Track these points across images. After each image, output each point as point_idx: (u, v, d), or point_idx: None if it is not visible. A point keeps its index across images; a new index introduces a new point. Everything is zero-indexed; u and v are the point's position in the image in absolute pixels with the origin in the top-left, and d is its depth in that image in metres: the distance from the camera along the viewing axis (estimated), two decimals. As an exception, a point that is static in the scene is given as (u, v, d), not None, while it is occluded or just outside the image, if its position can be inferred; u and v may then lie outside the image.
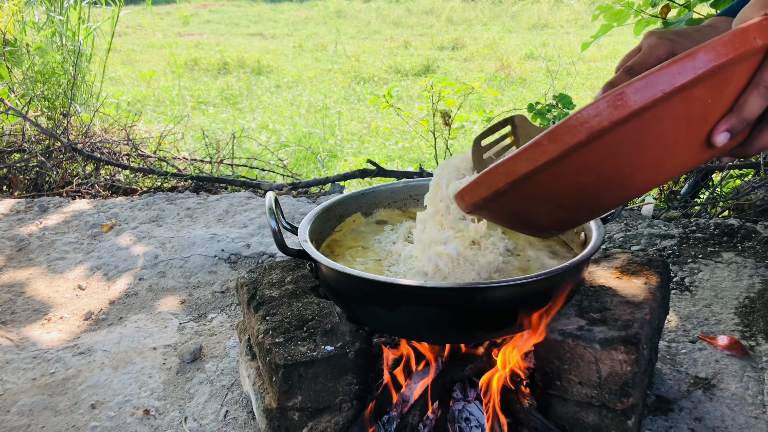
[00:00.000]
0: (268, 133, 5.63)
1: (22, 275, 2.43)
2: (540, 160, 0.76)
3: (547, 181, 0.80)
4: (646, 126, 0.73)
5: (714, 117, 0.75)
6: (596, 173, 0.78)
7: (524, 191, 0.83)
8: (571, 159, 0.75)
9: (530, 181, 0.80)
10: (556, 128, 0.75)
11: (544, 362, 1.33)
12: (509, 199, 0.85)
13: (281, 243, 1.23)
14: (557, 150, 0.75)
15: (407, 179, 2.06)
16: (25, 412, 1.63)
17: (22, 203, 3.16)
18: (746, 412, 1.50)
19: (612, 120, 0.71)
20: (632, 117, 0.71)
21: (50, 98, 3.98)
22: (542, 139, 0.76)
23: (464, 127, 4.90)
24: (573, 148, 0.74)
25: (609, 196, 0.82)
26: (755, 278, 2.10)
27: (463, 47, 10.32)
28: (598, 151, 0.75)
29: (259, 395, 1.43)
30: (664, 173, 0.79)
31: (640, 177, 0.79)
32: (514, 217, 0.93)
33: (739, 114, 0.75)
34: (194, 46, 10.74)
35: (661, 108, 0.71)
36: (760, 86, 0.74)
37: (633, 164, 0.77)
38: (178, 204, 3.15)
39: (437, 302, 1.15)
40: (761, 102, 0.75)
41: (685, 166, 0.79)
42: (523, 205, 0.87)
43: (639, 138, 0.73)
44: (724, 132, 0.75)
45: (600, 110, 0.71)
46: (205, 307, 2.18)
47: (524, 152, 0.78)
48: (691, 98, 0.72)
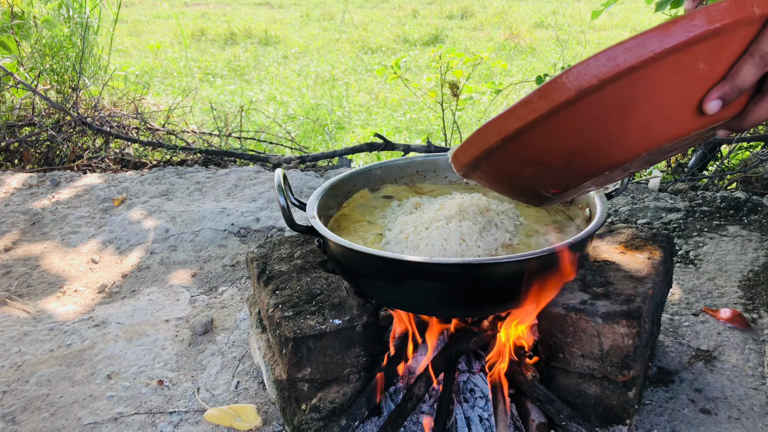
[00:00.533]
0: (276, 105, 5.63)
1: (37, 249, 2.48)
2: (530, 116, 0.77)
3: (536, 139, 0.80)
4: (635, 86, 0.72)
5: (706, 84, 0.75)
6: (584, 133, 0.78)
7: (514, 150, 0.83)
8: (559, 116, 0.76)
9: (520, 139, 0.80)
10: (546, 85, 0.75)
11: (547, 335, 1.36)
12: (500, 159, 0.86)
13: (290, 220, 1.25)
14: (546, 107, 0.75)
15: (414, 155, 2.07)
16: (43, 383, 1.68)
17: (35, 177, 3.20)
18: (746, 383, 1.53)
19: (600, 78, 0.71)
20: (621, 76, 0.71)
21: (59, 72, 3.99)
22: (532, 96, 0.76)
23: (472, 98, 4.87)
24: (562, 105, 0.74)
25: (597, 159, 0.82)
26: (760, 252, 2.12)
27: (472, 16, 10.18)
28: (587, 110, 0.75)
29: (269, 367, 1.48)
30: (653, 138, 0.78)
31: (629, 140, 0.78)
32: (506, 179, 0.93)
33: (732, 82, 0.74)
34: (201, 16, 10.66)
35: (651, 69, 0.71)
36: (755, 55, 0.74)
37: (621, 125, 0.76)
38: (187, 178, 3.18)
39: (442, 278, 1.17)
40: (755, 71, 0.74)
41: (675, 133, 0.78)
42: (514, 165, 0.87)
43: (628, 98, 0.73)
44: (716, 99, 0.75)
45: (590, 68, 0.71)
46: (215, 281, 2.22)
47: (514, 109, 0.78)
48: (683, 61, 0.71)
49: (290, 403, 1.39)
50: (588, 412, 1.37)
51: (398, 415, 1.30)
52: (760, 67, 0.74)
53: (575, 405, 1.38)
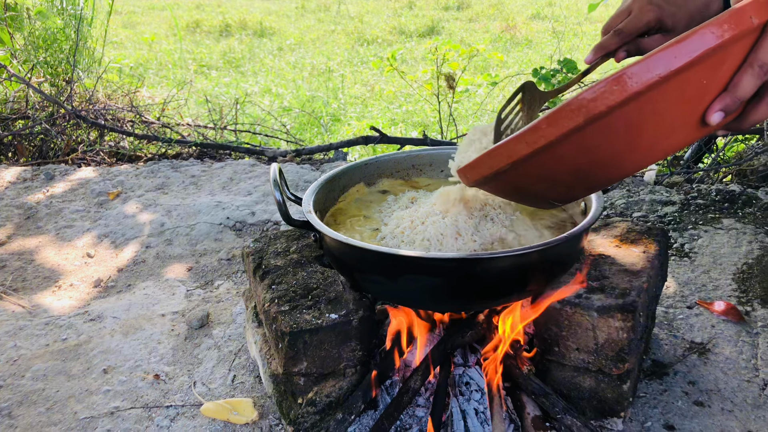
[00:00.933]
0: (271, 97, 5.61)
1: (32, 243, 2.47)
2: (539, 143, 0.79)
3: (545, 161, 0.82)
4: (642, 109, 0.74)
5: (709, 97, 0.77)
6: (593, 154, 0.80)
7: (524, 171, 0.85)
8: (568, 141, 0.77)
9: (530, 162, 0.82)
10: (554, 112, 0.76)
11: (542, 329, 1.37)
12: (510, 177, 0.88)
13: (286, 215, 1.25)
14: (555, 133, 0.77)
15: (410, 148, 2.07)
16: (39, 377, 1.68)
17: (29, 171, 3.18)
18: (739, 375, 1.54)
19: (609, 105, 0.73)
20: (629, 101, 0.72)
21: (53, 64, 3.97)
22: (541, 122, 0.78)
23: (469, 90, 4.87)
24: (571, 131, 0.76)
25: (606, 174, 0.85)
26: (754, 244, 2.13)
27: (469, 7, 10.15)
28: (595, 134, 0.76)
29: (265, 361, 1.48)
30: (660, 152, 0.81)
31: (636, 156, 0.81)
32: (516, 191, 0.96)
33: (733, 93, 0.76)
34: (195, 7, 10.60)
35: (658, 91, 0.72)
36: (755, 65, 0.75)
37: (629, 145, 0.78)
38: (182, 171, 3.17)
39: (438, 272, 1.18)
40: (755, 81, 0.76)
41: (680, 145, 0.81)
42: (524, 182, 0.90)
43: (635, 120, 0.75)
44: (719, 111, 0.76)
45: (597, 95, 0.73)
46: (211, 275, 2.22)
47: (524, 135, 0.80)
48: (687, 80, 0.73)
49: (286, 397, 1.40)
50: (583, 405, 1.38)
51: (394, 409, 1.30)
52: (759, 77, 0.76)
53: (570, 398, 1.39)
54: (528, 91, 1.31)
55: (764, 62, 0.75)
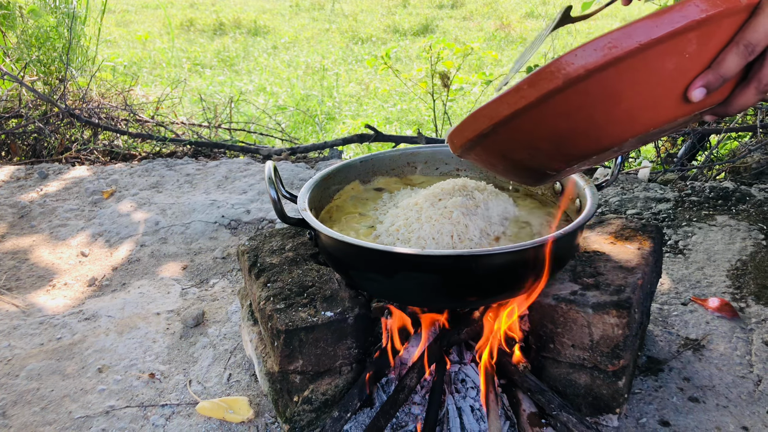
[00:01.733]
0: (266, 95, 5.60)
1: (26, 242, 2.46)
2: (519, 103, 0.80)
3: (526, 124, 0.83)
4: (621, 75, 0.74)
5: (692, 72, 0.76)
6: (572, 119, 0.80)
7: (505, 134, 0.86)
8: (548, 104, 0.78)
9: (511, 125, 0.83)
10: (535, 74, 0.77)
11: (538, 326, 1.37)
12: (492, 142, 0.89)
13: (281, 212, 1.25)
14: (535, 94, 0.78)
15: (405, 146, 2.07)
16: (33, 377, 1.68)
17: (22, 170, 3.17)
18: (733, 371, 1.55)
19: (588, 68, 0.73)
20: (608, 66, 0.73)
21: (46, 63, 3.95)
22: (522, 83, 0.79)
23: (463, 89, 4.87)
24: (550, 93, 0.76)
25: (585, 143, 0.85)
26: (747, 241, 2.14)
27: (463, 5, 10.15)
28: (574, 98, 0.77)
29: (261, 359, 1.48)
30: (640, 124, 0.80)
31: (616, 126, 0.81)
32: (500, 161, 0.97)
33: (716, 70, 0.76)
34: (189, 6, 10.56)
35: (637, 59, 0.72)
36: (740, 44, 0.75)
37: (607, 113, 0.78)
38: (177, 170, 3.16)
39: (433, 270, 1.18)
40: (739, 60, 0.75)
41: (661, 119, 0.80)
42: (505, 147, 0.90)
43: (614, 87, 0.75)
44: (700, 88, 0.76)
45: (577, 58, 0.73)
46: (206, 273, 2.22)
47: (505, 96, 0.81)
48: (669, 51, 0.73)
49: (282, 395, 1.40)
50: (578, 402, 1.39)
51: (390, 406, 1.31)
52: (744, 57, 0.76)
53: (566, 394, 1.39)
54: (565, 17, 1.31)
55: (750, 42, 0.75)
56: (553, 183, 1.45)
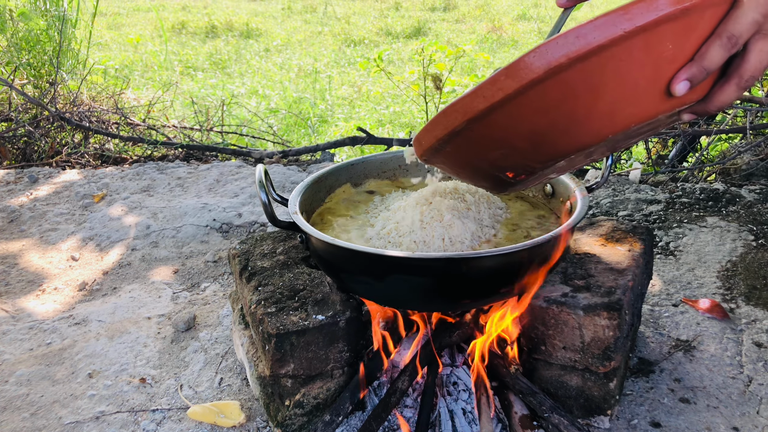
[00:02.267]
0: (258, 98, 5.58)
1: (15, 247, 2.44)
2: (496, 96, 0.75)
3: (502, 119, 0.78)
4: (603, 66, 0.71)
5: (674, 65, 0.74)
6: (552, 113, 0.76)
7: (480, 131, 0.80)
8: (527, 96, 0.74)
9: (486, 120, 0.78)
10: (513, 64, 0.73)
11: (529, 328, 1.37)
12: (465, 141, 0.83)
13: (272, 216, 1.24)
14: (514, 86, 0.73)
15: (397, 148, 2.06)
16: (23, 382, 1.66)
17: (12, 174, 3.15)
18: (724, 372, 1.56)
19: (569, 56, 0.70)
20: (590, 54, 0.70)
21: (36, 66, 3.93)
22: (499, 75, 0.74)
23: (455, 91, 4.87)
24: (529, 84, 0.73)
25: (563, 141, 0.80)
26: (738, 242, 2.15)
27: (455, 8, 10.18)
28: (554, 89, 0.73)
29: (252, 363, 1.47)
30: (621, 120, 0.77)
31: (596, 122, 0.77)
32: (469, 163, 0.90)
33: (699, 63, 0.74)
34: (181, 8, 10.54)
35: (620, 47, 0.70)
36: (723, 36, 0.74)
37: (589, 106, 0.75)
38: (168, 173, 3.15)
39: (424, 272, 1.18)
40: (722, 53, 0.74)
41: (643, 115, 0.77)
42: (479, 147, 0.84)
43: (596, 78, 0.72)
44: (684, 81, 0.74)
45: (558, 46, 0.70)
46: (197, 277, 2.21)
47: (480, 88, 0.76)
48: (652, 42, 0.71)
49: (274, 399, 1.39)
50: (570, 404, 1.39)
51: (382, 410, 1.30)
52: (726, 49, 0.75)
53: (557, 396, 1.39)
54: None
55: (733, 34, 0.74)
56: (516, 191, 1.38)
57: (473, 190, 1.42)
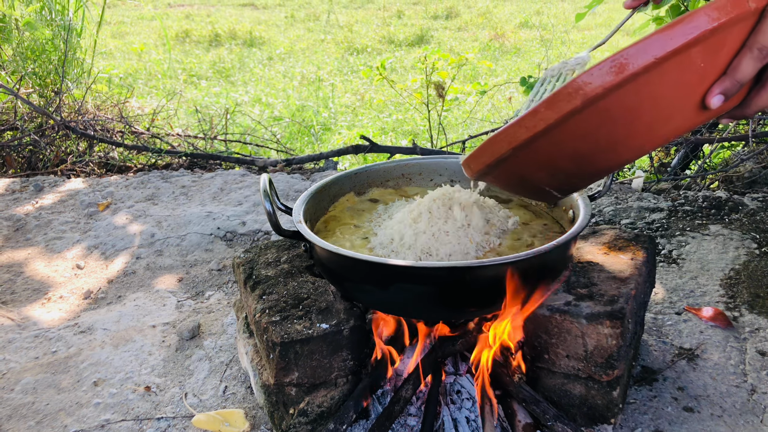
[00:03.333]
0: (262, 106, 5.61)
1: (21, 255, 2.46)
2: (538, 126, 0.79)
3: (545, 146, 0.82)
4: (639, 91, 0.74)
5: (708, 80, 0.77)
6: (592, 138, 0.80)
7: (525, 157, 0.86)
8: (567, 125, 0.78)
9: (530, 147, 0.83)
10: (553, 96, 0.77)
11: (532, 336, 1.38)
12: (511, 165, 0.89)
13: (276, 225, 1.26)
14: (554, 117, 0.77)
15: (400, 157, 2.07)
16: (29, 390, 1.67)
17: (18, 182, 3.17)
18: (728, 381, 1.56)
19: (605, 86, 0.73)
20: (625, 83, 0.73)
21: (41, 75, 3.96)
22: (540, 106, 0.78)
23: (458, 99, 4.89)
24: (569, 114, 0.76)
25: (605, 160, 0.85)
26: (740, 250, 2.15)
27: (457, 16, 10.22)
28: (593, 117, 0.77)
29: (257, 371, 1.48)
30: (660, 137, 0.81)
31: (636, 141, 0.81)
32: (518, 181, 0.97)
33: (732, 76, 0.76)
34: (185, 17, 10.60)
35: (654, 73, 0.73)
36: (753, 48, 0.75)
37: (628, 129, 0.78)
38: (173, 182, 3.17)
39: (428, 281, 1.18)
40: (754, 64, 0.76)
41: (681, 129, 0.81)
42: (525, 169, 0.90)
43: (633, 103, 0.75)
44: (718, 95, 0.76)
45: (594, 77, 0.73)
46: (202, 285, 2.22)
47: (523, 120, 0.81)
48: (684, 62, 0.73)
49: (278, 407, 1.40)
50: (573, 412, 1.39)
51: (386, 418, 1.31)
52: (759, 60, 0.76)
53: (561, 405, 1.39)
54: None
55: (764, 45, 0.75)
56: None
57: (477, 198, 1.43)
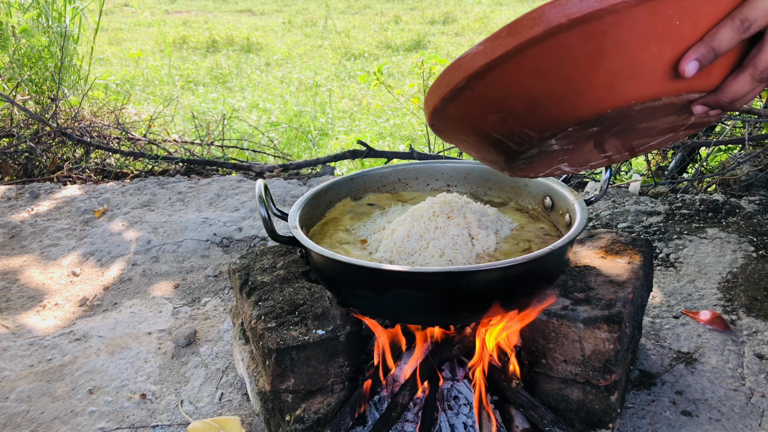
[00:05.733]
0: (259, 112, 5.61)
1: (16, 263, 2.45)
2: (496, 52, 0.75)
3: (501, 79, 0.78)
4: (605, 32, 0.70)
5: (683, 43, 0.73)
6: (549, 76, 0.76)
7: (479, 90, 0.81)
8: (525, 55, 0.74)
9: (485, 78, 0.79)
10: (515, 21, 0.73)
11: (529, 341, 1.37)
12: (465, 100, 0.84)
13: (272, 231, 1.25)
14: (513, 43, 0.73)
15: (397, 161, 2.06)
16: (23, 399, 1.66)
17: (13, 189, 3.16)
18: (726, 384, 1.55)
19: (570, 17, 0.69)
20: (591, 18, 0.69)
21: (38, 82, 3.95)
22: (501, 31, 0.75)
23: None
24: (529, 42, 0.72)
25: (560, 109, 0.79)
26: (738, 253, 2.15)
27: (454, 21, 10.24)
28: (554, 51, 0.73)
29: (253, 378, 1.47)
30: (623, 95, 0.75)
31: (595, 92, 0.76)
32: (472, 129, 0.90)
33: (708, 43, 0.72)
34: (182, 23, 10.62)
35: (623, 15, 0.69)
36: (735, 18, 0.72)
37: (588, 73, 0.74)
38: (169, 188, 3.16)
39: (424, 287, 1.18)
40: (732, 35, 0.72)
41: (646, 92, 0.76)
42: (479, 109, 0.85)
43: (596, 44, 0.71)
44: (693, 61, 0.72)
45: (560, 7, 0.70)
46: (198, 292, 2.21)
47: (483, 44, 0.77)
48: (659, 14, 0.70)
49: (274, 414, 1.39)
50: (571, 417, 1.38)
51: (383, 424, 1.30)
52: (738, 32, 0.72)
53: (558, 410, 1.39)
54: None
55: (747, 17, 0.72)
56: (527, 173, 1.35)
57: (473, 203, 1.43)
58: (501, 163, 1.00)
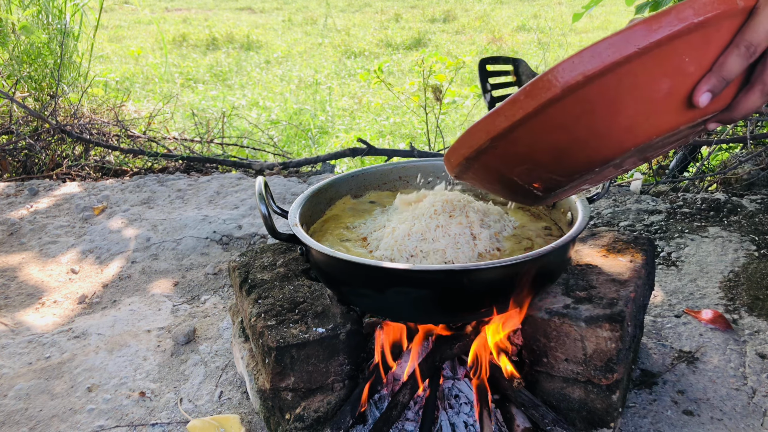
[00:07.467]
0: (259, 110, 5.60)
1: (15, 260, 2.44)
2: (517, 115, 0.78)
3: (524, 137, 0.81)
4: (620, 82, 0.73)
5: (693, 77, 0.75)
6: (572, 129, 0.78)
7: (503, 148, 0.84)
8: (546, 114, 0.76)
9: (509, 137, 0.81)
10: (532, 83, 0.75)
11: (531, 340, 1.36)
12: (490, 158, 0.86)
13: (272, 228, 1.24)
14: (533, 104, 0.76)
15: (397, 159, 2.06)
16: (22, 396, 1.65)
17: (12, 186, 3.15)
18: (728, 384, 1.55)
19: (585, 74, 0.72)
20: (606, 72, 0.71)
21: (37, 79, 3.94)
22: (519, 94, 0.77)
23: (456, 102, 4.89)
24: (548, 102, 0.75)
25: (586, 155, 0.82)
26: (740, 252, 2.14)
27: (455, 19, 10.23)
28: (573, 107, 0.75)
29: (252, 376, 1.46)
30: (642, 133, 0.78)
31: (616, 135, 0.79)
32: (498, 179, 0.94)
33: (718, 73, 0.74)
34: (182, 21, 10.60)
35: (636, 64, 0.71)
36: (740, 46, 0.74)
37: (608, 121, 0.77)
38: (169, 185, 3.15)
39: (425, 285, 1.17)
40: (740, 62, 0.75)
41: (664, 127, 0.79)
42: (504, 163, 0.88)
43: (613, 94, 0.74)
44: (706, 92, 0.75)
45: (574, 65, 0.72)
46: (198, 289, 2.20)
47: (502, 108, 0.79)
48: (667, 56, 0.72)
49: (274, 412, 1.38)
50: (572, 416, 1.37)
51: (383, 423, 1.29)
52: (745, 58, 0.75)
53: (560, 409, 1.38)
54: (523, 69, 1.31)
55: (751, 43, 0.74)
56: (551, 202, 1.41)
57: (475, 201, 1.42)
58: (527, 203, 1.07)
